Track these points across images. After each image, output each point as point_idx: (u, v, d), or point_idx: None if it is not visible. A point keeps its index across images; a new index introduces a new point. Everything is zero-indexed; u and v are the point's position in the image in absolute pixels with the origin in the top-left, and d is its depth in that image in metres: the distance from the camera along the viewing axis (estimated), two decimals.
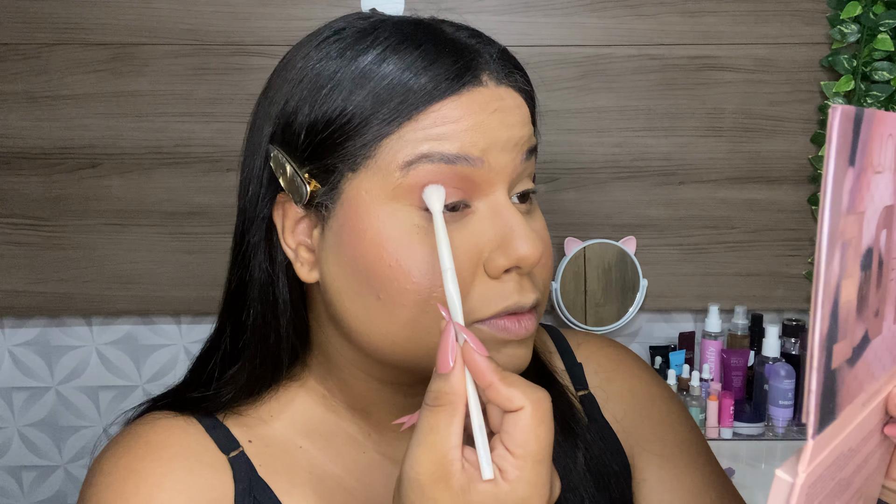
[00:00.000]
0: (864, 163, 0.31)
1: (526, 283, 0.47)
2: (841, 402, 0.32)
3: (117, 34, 1.36)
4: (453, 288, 0.41)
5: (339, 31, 0.48)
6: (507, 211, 0.46)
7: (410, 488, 0.38)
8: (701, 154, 1.43)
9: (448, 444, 0.38)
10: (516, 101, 0.48)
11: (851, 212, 0.30)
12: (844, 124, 0.28)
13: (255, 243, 0.50)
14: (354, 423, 0.54)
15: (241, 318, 0.52)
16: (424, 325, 0.45)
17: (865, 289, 0.33)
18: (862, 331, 0.33)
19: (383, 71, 0.45)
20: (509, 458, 0.37)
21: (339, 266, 0.47)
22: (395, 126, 0.44)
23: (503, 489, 0.37)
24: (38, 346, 1.52)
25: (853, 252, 0.31)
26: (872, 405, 0.36)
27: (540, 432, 0.37)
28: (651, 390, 0.62)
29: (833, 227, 0.29)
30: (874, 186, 0.32)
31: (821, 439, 0.31)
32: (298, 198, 0.47)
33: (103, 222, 1.42)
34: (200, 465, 0.49)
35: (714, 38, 1.40)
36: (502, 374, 0.38)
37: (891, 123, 0.32)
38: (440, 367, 0.39)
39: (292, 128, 0.47)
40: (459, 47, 0.46)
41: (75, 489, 1.56)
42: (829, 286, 0.29)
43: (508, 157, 0.46)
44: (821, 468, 0.32)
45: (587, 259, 1.44)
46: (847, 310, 0.31)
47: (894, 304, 0.37)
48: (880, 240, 0.34)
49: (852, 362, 0.33)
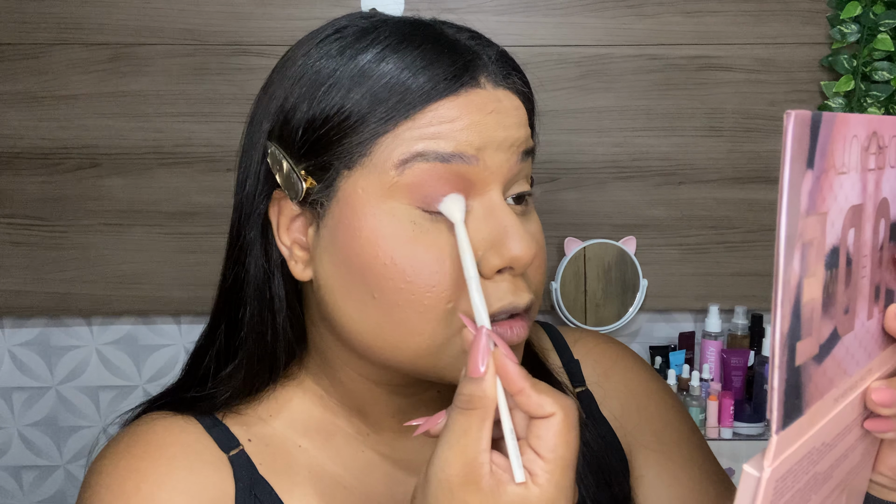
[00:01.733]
0: (826, 164, 0.31)
1: (520, 283, 0.47)
2: (808, 399, 0.33)
3: (117, 34, 1.36)
4: (478, 295, 0.42)
5: (340, 30, 0.48)
6: (501, 211, 0.46)
7: (440, 489, 0.38)
8: (701, 154, 1.43)
9: (479, 447, 0.38)
10: (514, 103, 0.48)
11: (812, 213, 0.31)
12: (798, 129, 0.29)
13: (251, 239, 0.50)
14: (352, 422, 0.54)
15: (237, 315, 0.52)
16: (418, 325, 0.45)
17: (832, 287, 0.33)
18: (830, 328, 0.34)
19: (382, 70, 0.45)
20: (539, 462, 0.38)
21: (333, 264, 0.47)
22: (391, 125, 0.44)
23: (533, 492, 0.38)
24: (38, 346, 1.52)
25: (815, 252, 0.32)
26: (847, 400, 0.36)
27: (570, 438, 0.38)
28: (648, 386, 0.63)
29: (791, 229, 0.30)
30: (838, 187, 0.33)
31: (787, 434, 0.31)
32: (294, 195, 0.47)
33: (103, 222, 1.42)
34: (201, 463, 0.49)
35: (714, 38, 1.40)
36: (532, 380, 0.39)
37: (855, 125, 0.33)
38: (471, 372, 0.39)
39: (290, 124, 0.47)
40: (458, 48, 0.46)
41: (75, 489, 1.56)
42: (788, 286, 0.30)
43: (504, 156, 0.46)
44: (790, 462, 0.32)
45: (587, 259, 1.44)
46: (811, 308, 0.32)
47: (867, 301, 0.37)
48: (848, 238, 0.34)
49: (820, 359, 0.33)
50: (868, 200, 0.36)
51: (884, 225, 0.38)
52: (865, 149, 0.35)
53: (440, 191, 0.45)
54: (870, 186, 0.36)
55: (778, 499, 0.33)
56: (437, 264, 0.45)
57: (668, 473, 0.59)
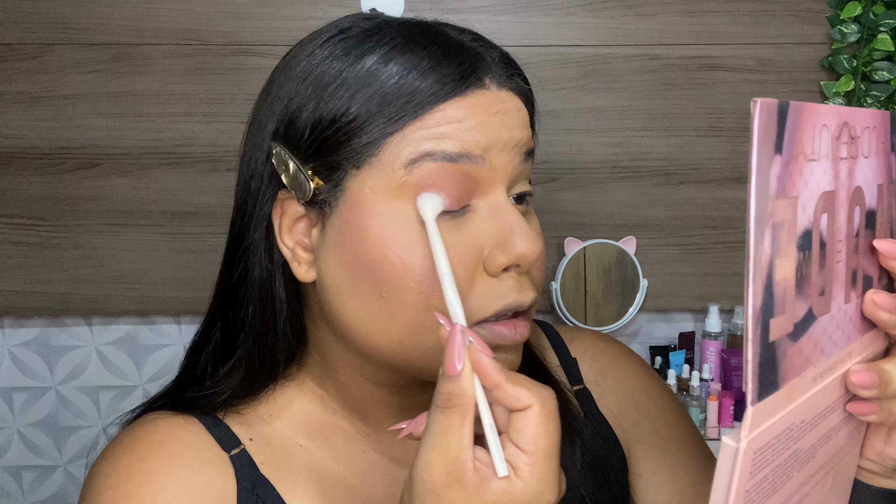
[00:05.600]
0: (795, 151, 0.33)
1: (525, 281, 0.48)
2: (784, 374, 0.34)
3: (117, 34, 1.36)
4: (452, 292, 0.42)
5: (344, 31, 0.48)
6: (506, 209, 0.47)
7: (424, 490, 0.39)
8: (701, 154, 1.43)
9: (461, 445, 0.38)
10: (517, 104, 0.48)
11: (782, 196, 0.33)
12: (765, 115, 0.31)
13: (255, 240, 0.51)
14: (352, 423, 0.54)
15: (236, 314, 0.52)
16: (426, 324, 0.46)
17: (806, 269, 0.35)
18: (804, 308, 0.35)
19: (389, 71, 0.45)
20: (520, 456, 0.38)
21: (340, 264, 0.47)
22: (400, 125, 0.45)
23: (517, 486, 0.38)
24: (38, 346, 1.52)
25: (787, 233, 0.33)
26: (827, 381, 0.37)
27: (549, 429, 0.38)
28: (645, 384, 0.63)
29: (760, 210, 0.31)
30: (808, 173, 0.34)
31: (763, 407, 0.33)
32: (301, 195, 0.48)
33: (103, 222, 1.42)
34: (203, 463, 0.49)
35: (714, 38, 1.40)
36: (508, 373, 0.39)
37: (824, 115, 0.35)
38: (448, 370, 0.39)
39: (296, 125, 0.47)
40: (463, 50, 0.47)
41: (75, 489, 1.56)
42: (759, 264, 0.31)
43: (508, 156, 0.47)
44: (768, 435, 0.34)
45: (587, 259, 1.44)
46: (784, 287, 0.33)
47: (843, 285, 0.38)
48: (821, 223, 0.36)
49: (795, 337, 0.34)
50: (841, 188, 0.37)
51: (859, 212, 0.39)
52: (836, 138, 0.36)
53: (447, 190, 0.45)
54: (842, 174, 0.37)
55: (757, 471, 0.34)
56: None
57: (665, 470, 0.59)
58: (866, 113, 0.39)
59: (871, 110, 0.39)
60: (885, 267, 0.41)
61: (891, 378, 0.38)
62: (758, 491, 0.34)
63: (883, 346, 0.42)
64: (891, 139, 0.42)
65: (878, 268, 0.41)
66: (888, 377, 0.38)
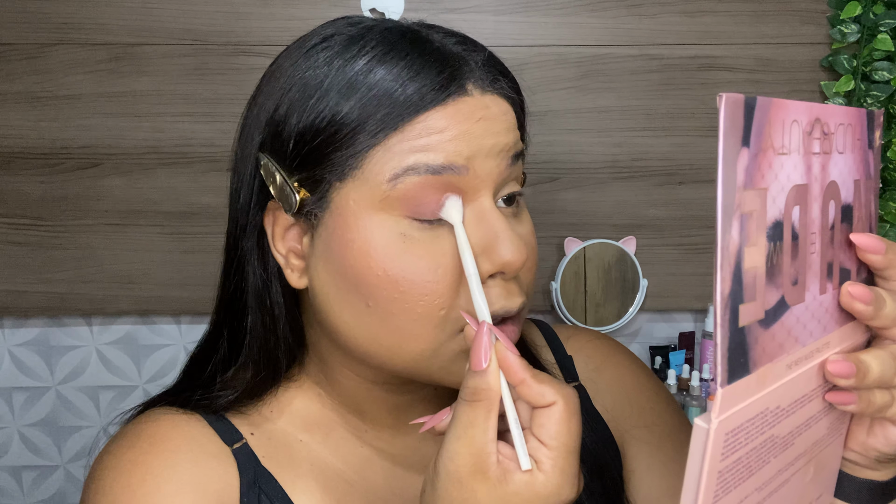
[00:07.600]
0: (763, 144, 0.34)
1: (512, 287, 0.48)
2: (756, 359, 0.35)
3: (117, 34, 1.36)
4: (478, 291, 0.43)
5: (327, 39, 0.48)
6: (491, 216, 0.47)
7: (449, 480, 0.40)
8: (701, 154, 1.44)
9: (485, 438, 0.40)
10: (502, 108, 0.48)
11: (750, 187, 0.34)
12: (730, 110, 0.32)
13: (248, 250, 0.51)
14: (350, 420, 0.55)
15: (241, 323, 0.53)
16: (413, 332, 0.46)
17: (777, 258, 0.36)
18: (776, 296, 0.36)
19: (370, 81, 0.45)
20: (543, 450, 0.39)
21: (328, 273, 0.48)
22: (381, 137, 0.45)
23: (539, 479, 0.39)
24: (38, 346, 1.52)
25: (756, 224, 0.34)
26: (803, 369, 0.38)
27: (571, 425, 0.40)
28: (639, 379, 0.64)
29: (727, 200, 0.32)
30: (778, 166, 0.35)
31: (734, 389, 0.34)
32: (288, 207, 0.48)
33: (103, 222, 1.42)
34: (205, 456, 0.50)
35: (714, 38, 1.40)
36: (533, 371, 0.41)
37: (794, 111, 0.36)
38: (474, 365, 0.41)
39: (281, 137, 0.48)
40: (445, 56, 0.47)
41: (75, 489, 1.56)
42: (727, 251, 0.33)
43: (493, 162, 0.47)
44: (740, 418, 0.34)
45: (587, 259, 1.44)
46: (753, 275, 0.34)
47: (818, 276, 0.39)
48: (792, 215, 0.37)
49: (766, 324, 0.35)
50: (814, 182, 0.38)
51: (833, 206, 0.40)
52: (808, 133, 0.37)
53: (432, 200, 0.45)
54: (815, 169, 0.38)
55: (730, 453, 0.34)
56: (429, 273, 0.45)
57: (659, 465, 0.59)
58: (841, 110, 0.39)
59: (846, 107, 0.40)
60: (863, 260, 0.41)
61: (869, 368, 0.39)
62: (732, 473, 0.35)
63: (864, 338, 0.43)
64: (868, 136, 0.42)
65: (856, 261, 0.42)
66: (866, 367, 0.39)
